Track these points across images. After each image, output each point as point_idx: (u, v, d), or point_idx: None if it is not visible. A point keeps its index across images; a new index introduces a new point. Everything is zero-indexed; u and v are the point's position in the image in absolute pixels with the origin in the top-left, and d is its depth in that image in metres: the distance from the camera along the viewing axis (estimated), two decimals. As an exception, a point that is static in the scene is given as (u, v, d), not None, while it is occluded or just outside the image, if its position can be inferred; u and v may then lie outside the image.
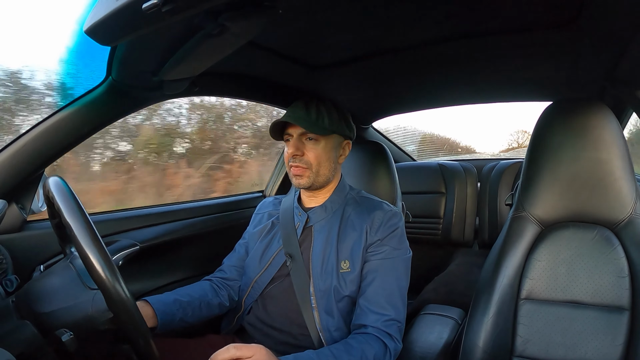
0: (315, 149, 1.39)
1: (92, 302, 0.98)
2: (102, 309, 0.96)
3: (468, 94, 2.21)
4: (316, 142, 1.39)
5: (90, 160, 2.50)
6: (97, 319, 0.97)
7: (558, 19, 1.23)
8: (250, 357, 1.03)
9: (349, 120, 1.49)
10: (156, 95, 1.40)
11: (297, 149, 1.38)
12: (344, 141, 1.48)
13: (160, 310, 1.29)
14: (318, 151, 1.39)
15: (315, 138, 1.39)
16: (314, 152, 1.39)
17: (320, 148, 1.39)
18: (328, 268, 1.35)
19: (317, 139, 1.39)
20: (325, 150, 1.40)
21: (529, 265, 1.29)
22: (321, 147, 1.39)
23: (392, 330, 1.27)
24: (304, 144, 1.39)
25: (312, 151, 1.39)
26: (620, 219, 1.23)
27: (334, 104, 1.45)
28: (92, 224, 0.92)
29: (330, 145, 1.42)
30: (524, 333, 1.25)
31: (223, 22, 0.91)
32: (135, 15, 0.80)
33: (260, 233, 1.54)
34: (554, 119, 1.33)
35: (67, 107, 1.25)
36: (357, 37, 1.39)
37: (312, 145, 1.39)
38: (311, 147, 1.39)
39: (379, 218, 1.38)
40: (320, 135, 1.38)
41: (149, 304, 1.29)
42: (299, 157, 1.38)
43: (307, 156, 1.39)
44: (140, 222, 1.72)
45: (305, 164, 1.38)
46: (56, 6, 1.67)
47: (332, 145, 1.42)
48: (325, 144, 1.40)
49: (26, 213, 1.36)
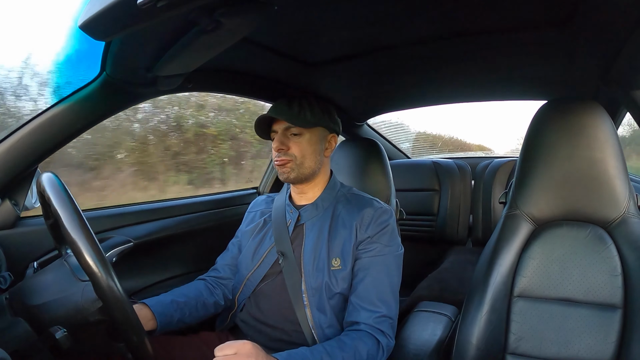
0: (300, 143, 1.40)
1: (82, 293, 0.97)
2: (91, 299, 0.96)
3: (462, 92, 2.21)
4: (300, 136, 1.40)
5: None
6: (87, 309, 0.97)
7: (553, 18, 1.24)
8: (234, 353, 1.03)
9: (332, 113, 1.50)
10: (150, 91, 1.39)
11: (282, 144, 1.39)
12: (329, 134, 1.49)
13: (159, 312, 1.29)
14: (302, 145, 1.40)
15: (299, 132, 1.40)
16: (298, 146, 1.40)
17: (304, 141, 1.40)
18: (319, 265, 1.36)
19: (300, 133, 1.40)
20: (309, 143, 1.41)
21: (523, 263, 1.29)
22: (305, 141, 1.40)
23: (384, 327, 1.28)
24: (288, 139, 1.40)
25: (296, 145, 1.40)
26: (614, 218, 1.24)
27: (316, 99, 1.46)
28: (82, 214, 0.91)
29: (314, 139, 1.42)
30: (517, 330, 1.26)
31: (218, 18, 0.91)
32: (130, 11, 0.79)
33: (253, 231, 1.54)
34: (548, 118, 1.33)
35: (60, 102, 1.25)
36: (352, 35, 1.39)
37: (297, 139, 1.40)
38: (295, 142, 1.40)
39: (368, 215, 1.39)
40: (303, 128, 1.40)
41: (147, 306, 1.29)
42: (284, 151, 1.39)
43: (292, 150, 1.40)
44: (134, 218, 1.71)
45: (289, 157, 1.39)
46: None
47: (316, 139, 1.43)
48: (310, 137, 1.41)
49: (19, 209, 1.36)
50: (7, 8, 1.79)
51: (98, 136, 2.45)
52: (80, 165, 2.38)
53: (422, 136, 4.83)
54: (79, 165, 2.35)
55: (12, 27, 1.83)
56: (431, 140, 4.95)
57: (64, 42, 1.61)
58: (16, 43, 1.95)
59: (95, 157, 2.47)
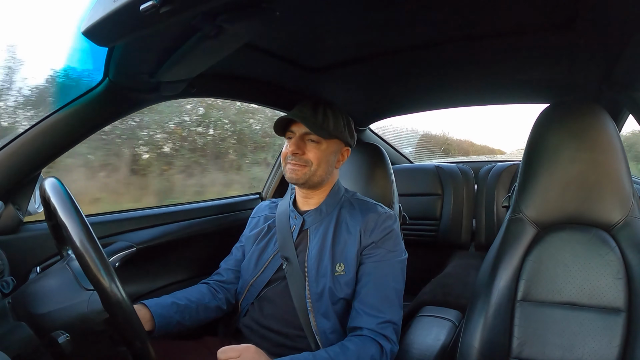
0: (317, 150, 1.40)
1: (87, 303, 0.98)
2: (97, 310, 0.96)
3: (465, 96, 2.21)
4: (318, 144, 1.40)
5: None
6: (92, 320, 0.97)
7: (555, 21, 1.24)
8: (237, 357, 1.02)
9: (352, 127, 1.50)
10: (154, 97, 1.40)
11: (298, 148, 1.39)
12: (343, 147, 1.49)
13: (158, 314, 1.29)
14: (319, 153, 1.40)
15: (318, 140, 1.40)
16: (315, 153, 1.40)
17: (321, 150, 1.40)
18: (323, 271, 1.36)
19: (319, 141, 1.40)
20: (325, 153, 1.41)
21: (526, 267, 1.29)
22: (322, 150, 1.41)
23: (387, 332, 1.27)
24: (305, 144, 1.41)
25: (312, 151, 1.40)
26: (617, 221, 1.24)
27: (340, 110, 1.46)
28: (88, 224, 0.92)
29: (330, 150, 1.43)
30: (521, 335, 1.25)
31: (221, 24, 0.91)
32: (133, 16, 0.80)
33: (257, 236, 1.54)
34: (551, 121, 1.33)
35: (63, 108, 1.25)
36: (355, 39, 1.39)
37: (314, 146, 1.40)
38: (312, 148, 1.40)
39: (372, 220, 1.39)
40: (323, 138, 1.39)
41: (146, 307, 1.29)
42: (299, 155, 1.39)
43: (307, 155, 1.40)
44: (137, 223, 1.71)
45: (304, 162, 1.39)
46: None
47: (332, 150, 1.44)
48: (327, 148, 1.42)
49: (23, 214, 1.36)
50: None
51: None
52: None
53: (426, 137, 4.81)
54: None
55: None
56: (435, 142, 4.94)
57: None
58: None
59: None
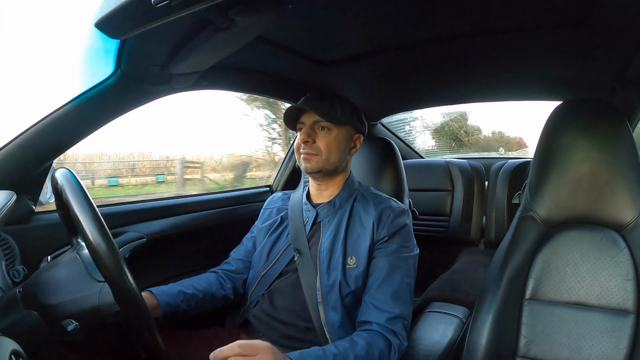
0: (327, 138, 1.40)
1: (99, 295, 0.99)
2: (109, 302, 0.97)
3: (477, 92, 2.20)
4: (328, 131, 1.40)
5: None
6: (104, 312, 0.98)
7: (569, 18, 1.23)
8: (255, 355, 1.02)
9: (360, 114, 1.50)
10: (165, 89, 1.40)
11: (309, 136, 1.39)
12: (355, 134, 1.49)
13: (164, 302, 1.30)
14: (329, 140, 1.40)
15: (328, 127, 1.40)
16: (325, 140, 1.40)
17: (332, 137, 1.40)
18: (335, 263, 1.36)
19: (329, 128, 1.40)
20: (336, 139, 1.41)
21: (535, 266, 1.28)
22: (333, 137, 1.41)
23: (396, 328, 1.27)
24: (315, 132, 1.41)
25: (323, 139, 1.40)
26: (628, 222, 1.22)
27: (346, 99, 1.47)
28: (101, 218, 0.92)
29: (342, 136, 1.43)
30: (528, 334, 1.25)
31: (233, 17, 0.91)
32: (145, 9, 0.80)
33: (269, 228, 1.55)
34: (564, 119, 1.32)
35: (75, 99, 1.26)
36: (367, 34, 1.39)
37: (324, 133, 1.40)
38: (323, 136, 1.40)
39: (386, 215, 1.39)
40: (333, 124, 1.40)
41: (152, 295, 1.30)
42: (310, 144, 1.40)
43: (318, 143, 1.40)
44: (147, 215, 1.72)
45: (315, 151, 1.39)
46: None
47: (343, 137, 1.43)
48: (337, 134, 1.41)
49: (34, 204, 1.37)
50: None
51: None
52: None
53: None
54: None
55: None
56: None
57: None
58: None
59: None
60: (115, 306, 0.97)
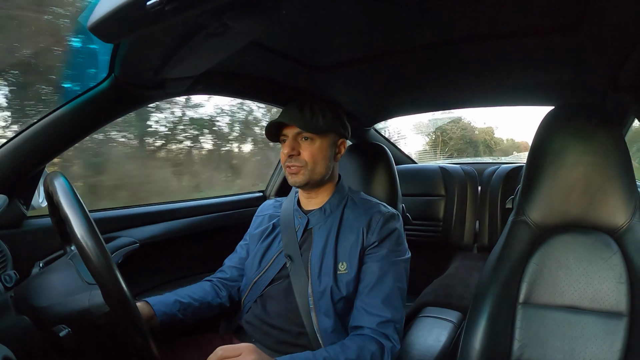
0: (311, 148, 1.39)
1: (89, 297, 0.98)
2: (99, 303, 0.97)
3: (470, 97, 2.21)
4: (312, 141, 1.40)
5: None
6: (94, 314, 0.98)
7: (561, 24, 1.24)
8: (237, 355, 1.03)
9: (343, 118, 1.49)
10: (158, 94, 1.40)
11: (293, 149, 1.39)
12: (339, 139, 1.48)
13: (161, 312, 1.30)
14: (314, 150, 1.39)
15: (311, 137, 1.39)
16: (309, 151, 1.39)
17: (315, 147, 1.40)
18: (326, 269, 1.36)
19: (312, 139, 1.39)
20: (320, 149, 1.41)
21: (528, 270, 1.28)
22: (317, 147, 1.40)
23: (388, 331, 1.27)
24: (299, 144, 1.40)
25: (307, 150, 1.39)
26: (621, 225, 1.23)
27: (327, 104, 1.45)
28: (90, 217, 0.92)
29: (325, 144, 1.42)
30: (522, 337, 1.25)
31: (226, 22, 0.91)
32: (138, 13, 0.80)
33: (261, 235, 1.54)
34: (556, 123, 1.32)
35: (69, 103, 1.25)
36: (360, 39, 1.39)
37: (308, 144, 1.39)
38: (307, 147, 1.39)
39: (376, 220, 1.39)
40: (316, 134, 1.39)
41: (149, 305, 1.30)
42: (295, 156, 1.39)
43: (303, 155, 1.39)
44: (140, 220, 1.72)
45: (300, 163, 1.39)
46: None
47: (327, 144, 1.43)
48: (321, 143, 1.41)
49: (27, 209, 1.37)
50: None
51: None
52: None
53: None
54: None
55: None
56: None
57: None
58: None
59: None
60: (105, 307, 0.96)
